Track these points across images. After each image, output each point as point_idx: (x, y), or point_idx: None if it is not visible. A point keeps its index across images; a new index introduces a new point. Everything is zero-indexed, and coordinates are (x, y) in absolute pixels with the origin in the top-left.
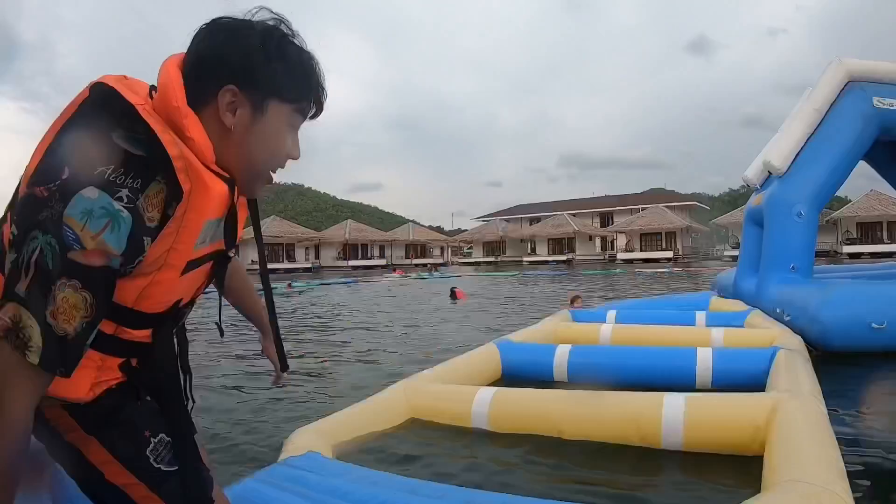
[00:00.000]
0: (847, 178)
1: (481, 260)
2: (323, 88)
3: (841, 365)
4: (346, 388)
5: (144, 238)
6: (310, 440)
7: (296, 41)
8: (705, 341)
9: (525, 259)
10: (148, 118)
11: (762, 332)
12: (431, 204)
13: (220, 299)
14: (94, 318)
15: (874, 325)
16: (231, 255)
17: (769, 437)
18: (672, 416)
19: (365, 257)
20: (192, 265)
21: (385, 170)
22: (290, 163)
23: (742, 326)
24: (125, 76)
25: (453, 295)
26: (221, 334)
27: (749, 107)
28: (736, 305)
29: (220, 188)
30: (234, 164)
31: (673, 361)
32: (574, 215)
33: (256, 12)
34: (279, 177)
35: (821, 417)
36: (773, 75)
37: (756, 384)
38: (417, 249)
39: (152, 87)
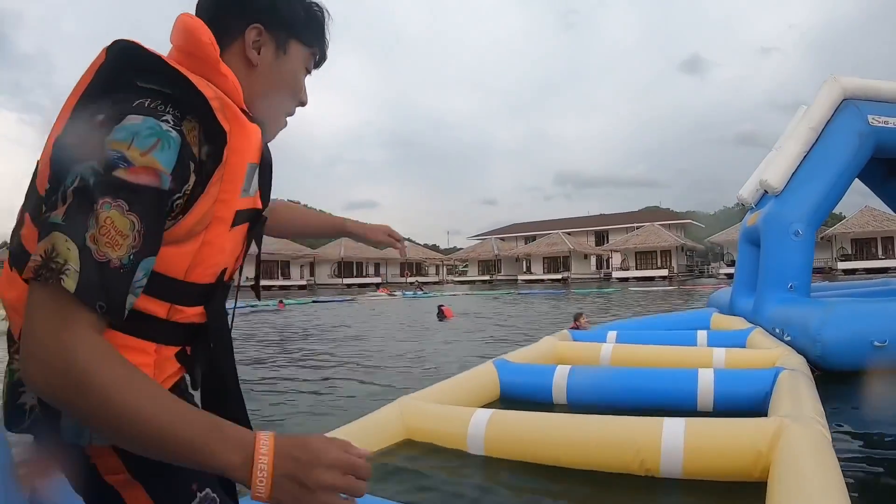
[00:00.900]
0: (843, 196)
1: (476, 278)
2: (329, 39)
3: (843, 383)
4: (339, 406)
5: (191, 163)
6: None
7: None
8: (707, 362)
9: (520, 278)
10: (175, 65)
11: (764, 352)
12: (427, 222)
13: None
14: (142, 250)
15: (876, 343)
16: (265, 214)
17: (772, 463)
18: (671, 443)
19: (360, 275)
20: (239, 217)
21: (381, 187)
22: (284, 181)
23: (744, 346)
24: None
25: (441, 313)
26: (258, 298)
27: (743, 124)
28: (738, 323)
29: (255, 128)
30: (256, 103)
31: (674, 383)
32: (569, 234)
33: None
34: (276, 193)
35: (824, 443)
36: (767, 93)
37: (758, 406)
38: (412, 268)
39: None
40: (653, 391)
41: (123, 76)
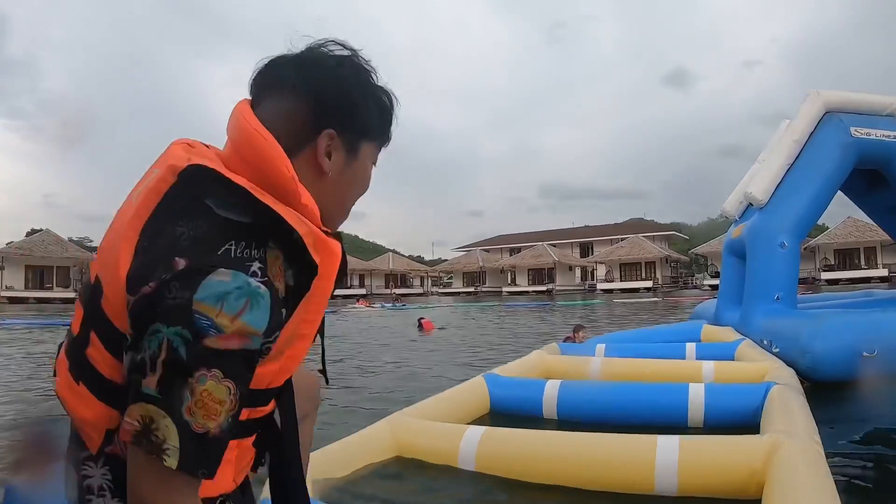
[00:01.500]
0: (827, 208)
1: (461, 290)
2: (395, 120)
3: (833, 395)
4: (327, 422)
5: (282, 311)
6: None
7: (375, 76)
8: (697, 376)
9: (505, 289)
10: (262, 197)
11: (754, 365)
12: (412, 233)
13: (323, 343)
14: (237, 410)
15: (865, 353)
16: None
17: (767, 481)
18: (665, 460)
19: (346, 286)
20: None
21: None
22: None
23: (732, 358)
24: (188, 143)
25: (420, 326)
26: (326, 382)
27: (727, 137)
28: (728, 335)
29: (338, 246)
30: (325, 207)
31: (664, 399)
32: (554, 245)
33: (326, 44)
34: None
35: (818, 459)
36: (750, 106)
37: (750, 421)
38: (397, 279)
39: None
40: (643, 406)
41: (198, 202)
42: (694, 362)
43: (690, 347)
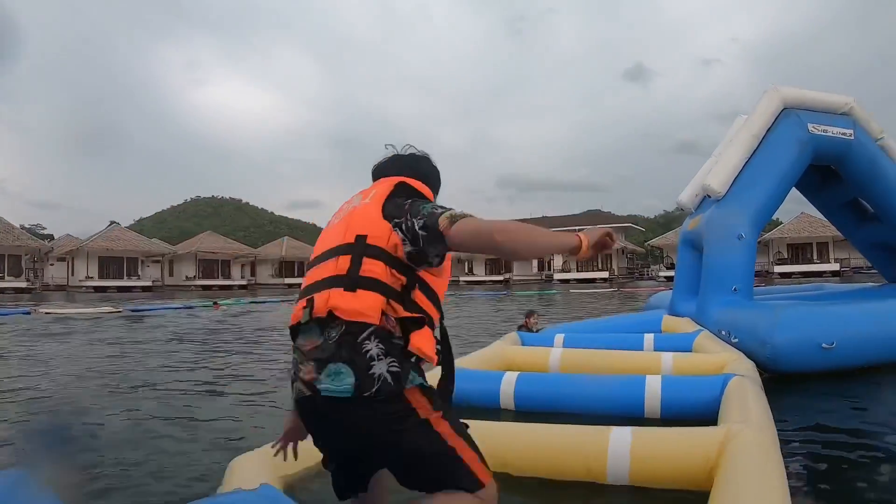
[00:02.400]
0: (783, 201)
1: None
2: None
3: (791, 386)
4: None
5: None
6: (253, 469)
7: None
8: (656, 367)
9: (462, 279)
10: (426, 192)
11: (713, 357)
12: None
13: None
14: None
15: (824, 345)
16: None
17: (718, 471)
18: (618, 451)
19: (302, 275)
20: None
21: (324, 187)
22: (225, 179)
23: (691, 349)
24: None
25: None
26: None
27: (684, 133)
28: (687, 325)
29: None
30: None
31: (620, 391)
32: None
33: (412, 146)
34: (218, 191)
35: (772, 449)
36: (708, 103)
37: (707, 413)
38: None
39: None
40: (600, 398)
41: (405, 193)
42: (653, 354)
43: (649, 338)
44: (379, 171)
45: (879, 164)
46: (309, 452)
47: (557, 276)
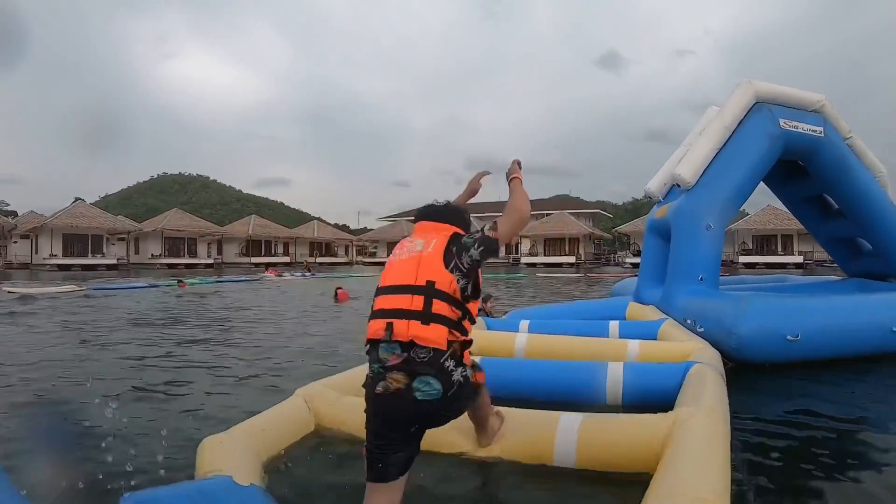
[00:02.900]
0: (752, 194)
1: (385, 260)
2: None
3: (754, 376)
4: (249, 396)
5: None
6: (224, 449)
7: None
8: (621, 354)
9: None
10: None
11: (679, 345)
12: (338, 201)
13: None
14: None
15: (789, 337)
16: None
17: (662, 455)
18: (565, 435)
19: (269, 254)
20: None
21: (292, 165)
22: (188, 154)
23: (655, 337)
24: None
25: (336, 296)
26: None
27: (654, 121)
28: (652, 313)
29: None
30: None
31: (582, 377)
32: (479, 218)
33: (450, 203)
34: (185, 167)
35: (719, 435)
36: (680, 93)
37: (667, 400)
38: (322, 247)
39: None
40: (562, 384)
41: (455, 242)
42: (619, 341)
43: (614, 325)
44: (426, 216)
45: (847, 162)
46: (280, 434)
47: (525, 259)
